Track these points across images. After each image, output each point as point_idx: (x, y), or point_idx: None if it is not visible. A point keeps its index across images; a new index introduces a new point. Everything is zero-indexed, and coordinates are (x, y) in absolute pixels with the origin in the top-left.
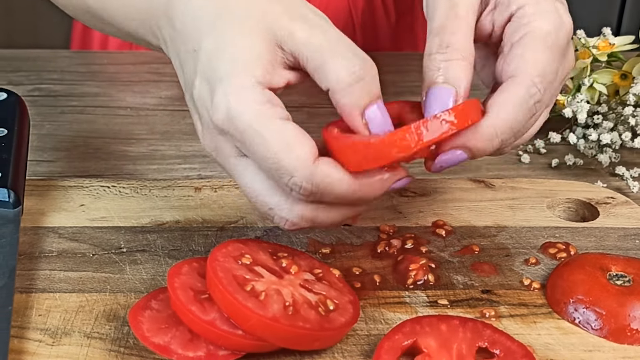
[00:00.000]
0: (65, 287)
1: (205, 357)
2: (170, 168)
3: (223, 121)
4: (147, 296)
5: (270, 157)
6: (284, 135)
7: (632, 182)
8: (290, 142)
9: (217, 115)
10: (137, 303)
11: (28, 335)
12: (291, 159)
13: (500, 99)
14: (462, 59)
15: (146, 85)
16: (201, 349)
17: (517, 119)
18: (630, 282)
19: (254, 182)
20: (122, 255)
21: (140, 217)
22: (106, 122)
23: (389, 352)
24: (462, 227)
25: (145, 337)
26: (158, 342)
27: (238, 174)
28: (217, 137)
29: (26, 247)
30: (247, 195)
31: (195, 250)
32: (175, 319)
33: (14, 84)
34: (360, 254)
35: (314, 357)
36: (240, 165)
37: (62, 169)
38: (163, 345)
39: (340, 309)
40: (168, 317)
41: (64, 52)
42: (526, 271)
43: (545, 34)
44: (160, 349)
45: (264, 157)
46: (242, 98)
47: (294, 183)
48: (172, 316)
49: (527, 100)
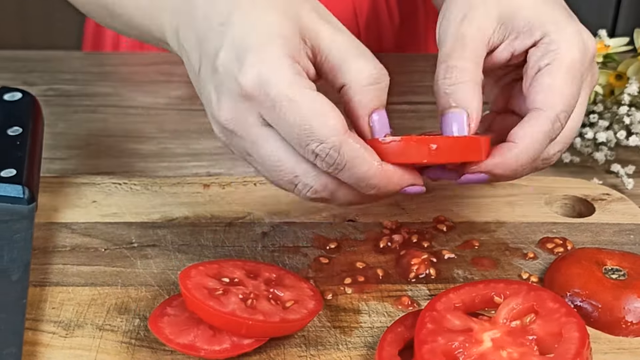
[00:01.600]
0: (78, 281)
1: (231, 349)
2: (179, 165)
3: (253, 87)
4: (162, 304)
5: (302, 124)
6: (317, 103)
7: (626, 179)
8: (324, 110)
9: (247, 80)
10: (154, 312)
11: (42, 328)
12: (323, 126)
13: (528, 132)
14: (469, 81)
15: (156, 86)
16: (226, 342)
17: (540, 151)
18: (625, 276)
19: (278, 151)
20: (133, 250)
21: (151, 213)
22: (118, 121)
23: (392, 344)
24: (463, 223)
25: (169, 339)
26: (183, 342)
27: (260, 143)
28: (239, 105)
29: (40, 242)
30: (268, 165)
31: (204, 245)
32: (193, 320)
33: (29, 84)
34: (364, 249)
35: (319, 348)
36: (263, 135)
37: (75, 167)
38: (189, 344)
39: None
40: (186, 320)
41: (76, 54)
42: (524, 265)
43: (572, 62)
44: (187, 348)
45: (294, 124)
46: (275, 66)
47: (322, 149)
48: (189, 318)
49: (551, 134)
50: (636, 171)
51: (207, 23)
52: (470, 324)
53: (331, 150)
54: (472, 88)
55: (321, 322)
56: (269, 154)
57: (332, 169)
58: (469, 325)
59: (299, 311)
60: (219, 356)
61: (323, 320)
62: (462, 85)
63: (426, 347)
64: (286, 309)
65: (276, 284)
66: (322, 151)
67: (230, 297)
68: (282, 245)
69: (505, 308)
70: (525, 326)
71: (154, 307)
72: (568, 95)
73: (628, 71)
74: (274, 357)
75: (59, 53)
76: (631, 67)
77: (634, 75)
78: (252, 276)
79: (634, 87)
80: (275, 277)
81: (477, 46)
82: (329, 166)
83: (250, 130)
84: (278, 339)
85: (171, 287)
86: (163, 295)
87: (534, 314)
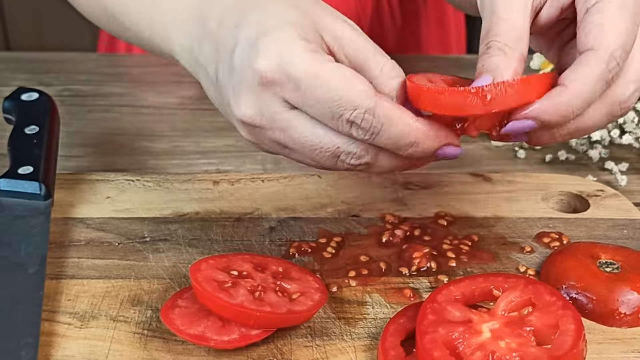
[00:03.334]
0: (93, 274)
1: (239, 339)
2: (190, 163)
3: (272, 70)
4: (173, 296)
5: (331, 96)
6: (342, 73)
7: (620, 176)
8: (350, 77)
9: (265, 65)
10: (165, 304)
11: (58, 319)
12: (353, 92)
13: (580, 74)
14: (503, 54)
15: (168, 86)
16: (234, 333)
17: (595, 94)
18: (618, 269)
19: (314, 128)
20: (146, 244)
21: (163, 209)
22: (131, 120)
23: (394, 335)
24: (462, 218)
25: (180, 330)
26: (194, 333)
27: (293, 127)
28: (262, 95)
29: (56, 237)
30: (307, 148)
31: (214, 239)
32: (204, 311)
33: (45, 85)
34: (367, 243)
35: (324, 339)
36: (292, 119)
37: (89, 164)
38: (199, 335)
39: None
40: (196, 311)
41: (91, 55)
42: (522, 259)
43: None
44: (197, 338)
45: (323, 98)
46: (292, 46)
47: (357, 115)
48: (199, 310)
49: (606, 75)
50: (629, 168)
51: (222, 28)
52: (470, 315)
53: (366, 114)
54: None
55: (326, 314)
56: (305, 136)
57: (369, 135)
58: (468, 316)
59: (304, 303)
60: (227, 346)
61: (328, 312)
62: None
63: (427, 337)
64: (292, 301)
65: (283, 276)
66: (357, 117)
67: (239, 289)
68: (289, 239)
69: (503, 300)
70: (523, 318)
71: (165, 299)
72: (622, 30)
73: None
74: (281, 347)
75: (74, 55)
76: None
77: None
78: (260, 269)
79: None
80: (282, 270)
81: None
82: (365, 132)
83: (278, 118)
84: (285, 329)
85: (182, 279)
86: (174, 288)
87: (531, 306)
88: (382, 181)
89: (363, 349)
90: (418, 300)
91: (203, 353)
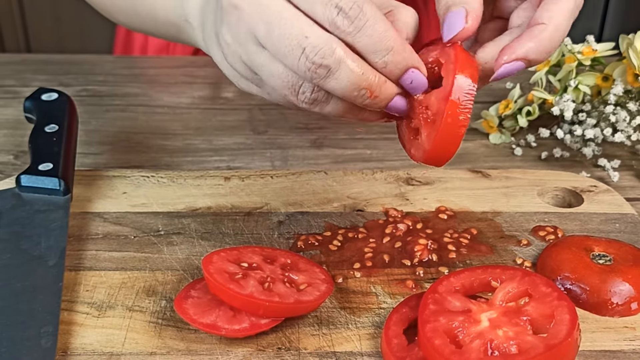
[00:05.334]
0: (110, 266)
1: (249, 328)
2: (202, 160)
3: None
4: (186, 287)
5: None
6: None
7: (612, 173)
8: None
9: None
10: (179, 294)
11: (76, 309)
12: None
13: (556, 11)
14: None
15: (181, 87)
16: (245, 322)
17: (568, 27)
18: (611, 261)
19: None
20: (160, 237)
21: (176, 204)
22: (146, 119)
23: (397, 324)
24: (462, 212)
25: (193, 319)
26: (206, 322)
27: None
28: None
29: (75, 230)
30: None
31: (225, 232)
32: (215, 301)
33: (64, 85)
34: (372, 236)
35: (330, 328)
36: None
37: (106, 161)
38: (211, 324)
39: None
40: (209, 302)
41: (108, 57)
42: (519, 251)
43: None
44: (209, 327)
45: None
46: None
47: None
48: (212, 300)
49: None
50: (621, 165)
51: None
52: (469, 305)
53: (355, 4)
54: None
55: (332, 304)
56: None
57: (352, 28)
58: (468, 306)
59: (311, 293)
60: (238, 334)
61: (334, 302)
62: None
63: (429, 326)
64: (300, 292)
65: (291, 268)
66: (346, 4)
67: (249, 280)
68: (297, 232)
69: (501, 291)
70: (520, 308)
71: (179, 290)
72: None
73: (614, 73)
74: (289, 336)
75: (92, 57)
76: (616, 70)
77: (619, 77)
78: (269, 261)
79: (619, 88)
80: (290, 262)
81: None
82: (350, 23)
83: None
84: (293, 319)
85: (195, 271)
86: (187, 279)
87: (528, 297)
88: (385, 177)
89: (367, 337)
90: (420, 290)
91: (214, 341)
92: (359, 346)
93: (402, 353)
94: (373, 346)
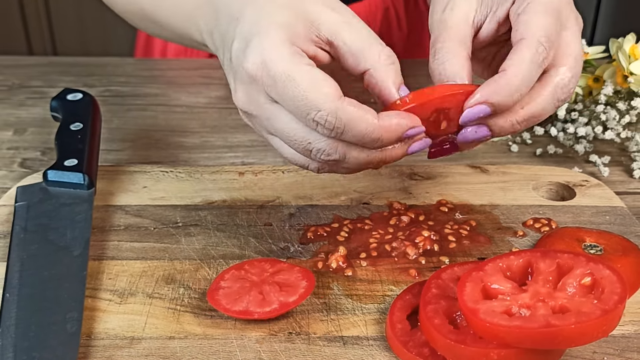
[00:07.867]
0: (131, 255)
1: (279, 308)
2: (218, 156)
3: (257, 67)
4: (216, 280)
5: (300, 96)
6: (311, 76)
7: (603, 168)
8: (318, 80)
9: (251, 61)
10: (210, 287)
11: (100, 296)
12: (318, 94)
13: (514, 59)
14: (455, 56)
15: (198, 87)
16: (274, 303)
17: (530, 73)
18: (601, 251)
19: (289, 123)
20: (178, 229)
21: (194, 197)
22: (165, 118)
23: (401, 310)
24: (462, 205)
25: (226, 309)
26: (239, 309)
27: (274, 118)
28: (249, 87)
29: (98, 222)
30: (285, 136)
31: (239, 224)
32: (244, 288)
33: (88, 86)
34: (377, 227)
35: (338, 313)
36: (274, 111)
37: (128, 157)
38: (243, 310)
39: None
40: (238, 290)
41: (129, 60)
42: (515, 242)
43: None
44: (243, 314)
45: (293, 97)
46: (275, 47)
47: (321, 117)
48: (241, 288)
49: (536, 57)
50: (611, 161)
51: (227, 20)
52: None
53: (328, 116)
54: (458, 62)
55: (340, 291)
56: (282, 127)
57: (334, 134)
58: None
59: None
60: (270, 315)
61: (341, 290)
62: (449, 61)
63: (430, 307)
64: None
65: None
66: (320, 118)
67: None
68: (306, 224)
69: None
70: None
71: (196, 278)
72: (546, 23)
73: (604, 75)
74: (299, 321)
75: (114, 59)
76: (607, 71)
77: (609, 79)
78: None
79: (609, 88)
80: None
81: (459, 28)
82: (330, 131)
83: (263, 108)
84: (302, 305)
85: (211, 260)
86: (204, 268)
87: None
88: (390, 172)
89: (373, 322)
90: (422, 279)
91: (229, 326)
92: (365, 331)
93: (406, 337)
94: (378, 331)
